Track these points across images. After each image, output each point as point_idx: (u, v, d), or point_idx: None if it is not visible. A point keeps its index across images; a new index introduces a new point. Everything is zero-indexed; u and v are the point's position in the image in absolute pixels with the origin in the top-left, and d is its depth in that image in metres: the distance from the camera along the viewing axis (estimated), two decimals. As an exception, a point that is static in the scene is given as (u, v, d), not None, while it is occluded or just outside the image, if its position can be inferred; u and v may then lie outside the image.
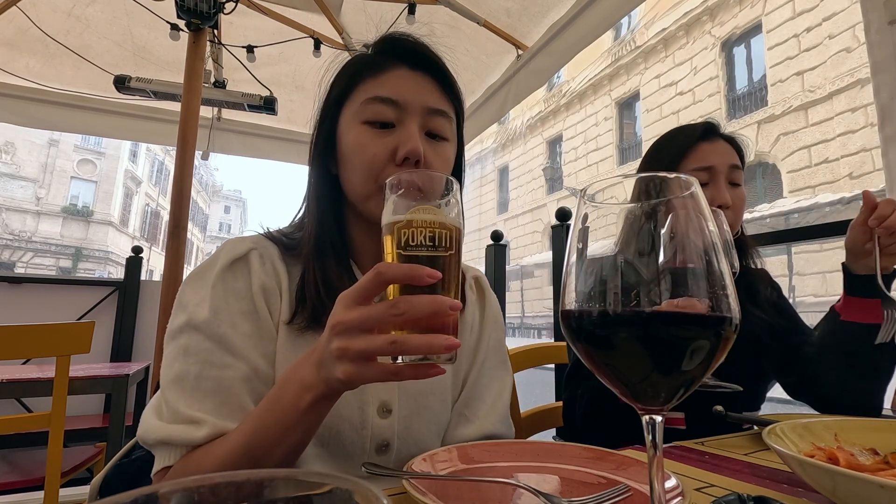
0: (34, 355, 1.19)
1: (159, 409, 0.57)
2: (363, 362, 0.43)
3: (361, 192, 0.64)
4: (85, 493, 1.84)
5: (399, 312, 0.41)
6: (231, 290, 0.62)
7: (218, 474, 0.21)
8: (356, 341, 0.42)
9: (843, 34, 10.49)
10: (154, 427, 0.55)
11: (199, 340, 0.58)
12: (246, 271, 0.63)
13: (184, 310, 0.60)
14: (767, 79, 12.15)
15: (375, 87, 0.65)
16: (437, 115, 0.65)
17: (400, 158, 0.62)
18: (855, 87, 10.28)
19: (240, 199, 53.35)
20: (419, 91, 0.65)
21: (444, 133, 0.66)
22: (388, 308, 0.41)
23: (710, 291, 0.28)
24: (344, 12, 2.39)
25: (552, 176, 20.66)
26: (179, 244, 1.86)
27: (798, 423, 0.55)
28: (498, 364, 0.80)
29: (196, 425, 0.54)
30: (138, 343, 2.89)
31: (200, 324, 0.58)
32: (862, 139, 10.18)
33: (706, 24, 13.80)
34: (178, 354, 0.58)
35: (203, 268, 0.64)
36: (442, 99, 0.67)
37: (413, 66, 0.66)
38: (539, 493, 0.44)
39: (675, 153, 0.98)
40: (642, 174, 0.31)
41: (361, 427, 0.64)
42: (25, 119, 2.62)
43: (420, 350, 0.42)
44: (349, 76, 0.68)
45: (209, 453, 0.53)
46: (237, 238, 0.67)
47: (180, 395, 0.56)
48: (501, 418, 0.76)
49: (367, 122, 0.64)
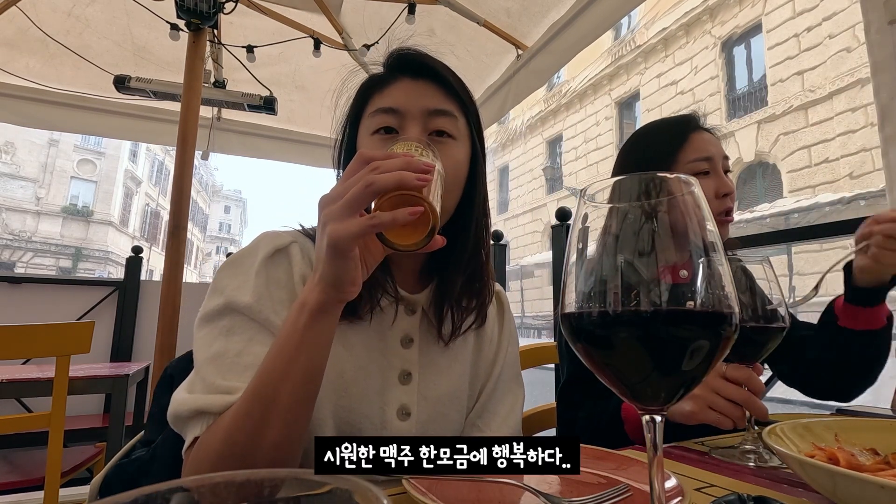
0: (34, 355, 1.20)
1: (192, 385, 0.57)
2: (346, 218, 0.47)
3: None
4: (85, 493, 1.84)
5: (367, 182, 0.46)
6: (273, 279, 0.63)
7: (218, 474, 0.21)
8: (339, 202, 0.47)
9: (843, 34, 10.47)
10: (186, 399, 0.55)
11: (243, 321, 0.59)
12: (287, 262, 0.65)
13: (221, 293, 0.61)
14: (767, 79, 12.14)
15: (381, 100, 0.68)
16: (439, 114, 0.67)
17: None
18: (855, 87, 10.27)
19: (240, 199, 53.30)
20: (419, 96, 0.67)
21: (448, 131, 0.67)
22: (358, 182, 0.47)
23: (710, 291, 0.28)
24: (344, 12, 2.39)
25: (552, 176, 20.65)
26: (179, 244, 1.86)
27: (798, 423, 0.55)
28: (512, 378, 0.82)
29: (230, 394, 0.54)
30: (138, 343, 2.89)
31: (243, 307, 0.59)
32: (862, 139, 10.17)
33: (706, 24, 13.79)
34: (218, 335, 0.59)
35: (241, 255, 0.65)
36: (444, 100, 0.68)
37: (414, 76, 0.68)
38: (539, 492, 0.44)
39: (671, 143, 0.96)
40: (643, 173, 0.30)
41: (381, 428, 0.66)
42: (25, 119, 2.62)
43: (388, 224, 0.46)
44: (362, 95, 0.72)
45: (230, 411, 0.53)
46: (275, 231, 0.69)
47: (217, 369, 0.56)
48: (513, 432, 0.77)
49: (375, 132, 0.67)
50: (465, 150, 0.69)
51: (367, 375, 0.66)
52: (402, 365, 0.69)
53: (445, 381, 0.72)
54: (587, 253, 0.31)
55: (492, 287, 0.76)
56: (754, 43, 12.75)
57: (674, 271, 0.28)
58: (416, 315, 0.72)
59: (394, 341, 0.69)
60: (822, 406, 2.59)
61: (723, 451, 0.65)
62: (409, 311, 0.71)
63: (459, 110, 0.69)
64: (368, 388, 0.66)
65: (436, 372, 0.72)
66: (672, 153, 0.95)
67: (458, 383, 0.74)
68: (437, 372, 0.72)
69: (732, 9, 13.05)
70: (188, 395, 0.56)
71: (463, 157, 0.69)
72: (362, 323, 0.67)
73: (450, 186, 0.66)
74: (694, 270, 0.28)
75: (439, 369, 0.72)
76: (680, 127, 0.98)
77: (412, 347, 0.70)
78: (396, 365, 0.69)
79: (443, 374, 0.72)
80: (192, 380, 0.58)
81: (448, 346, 0.72)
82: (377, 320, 0.68)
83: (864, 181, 10.08)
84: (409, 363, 0.70)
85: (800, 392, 1.04)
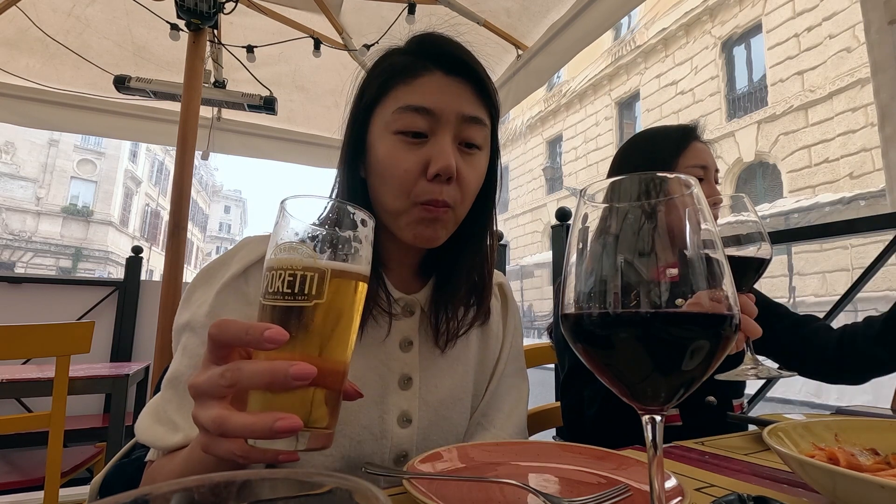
0: (34, 355, 1.20)
1: (155, 404, 0.57)
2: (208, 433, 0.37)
3: (392, 208, 0.62)
4: (85, 493, 1.84)
5: (228, 383, 0.35)
6: (241, 295, 0.61)
7: (218, 474, 0.21)
8: (199, 410, 0.37)
9: (843, 34, 10.48)
10: (141, 424, 0.56)
11: (195, 342, 0.58)
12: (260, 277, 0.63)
13: (188, 307, 0.60)
14: (767, 79, 12.15)
15: (409, 95, 0.61)
16: (472, 122, 0.62)
17: (431, 175, 0.59)
18: (855, 87, 10.27)
19: (240, 199, 53.32)
20: (455, 98, 0.61)
21: (477, 142, 0.63)
22: (218, 378, 0.36)
23: (710, 291, 0.28)
24: (344, 12, 2.39)
25: (552, 176, 20.65)
26: (179, 244, 1.86)
27: (798, 423, 0.55)
28: (516, 372, 0.79)
29: (173, 431, 0.54)
30: (138, 343, 2.89)
31: (198, 326, 0.58)
32: (862, 139, 10.17)
33: (706, 24, 13.79)
34: (177, 353, 0.59)
35: (215, 266, 0.63)
36: (478, 105, 0.63)
37: (448, 71, 0.62)
38: (539, 493, 0.44)
39: (672, 149, 1.00)
40: (643, 173, 0.30)
41: (381, 436, 0.64)
42: (25, 119, 2.62)
43: (240, 433, 0.34)
44: (382, 80, 0.63)
45: (158, 471, 0.53)
46: (258, 237, 0.65)
47: (173, 394, 0.56)
48: (518, 428, 0.75)
49: (400, 132, 0.61)
50: (486, 159, 0.66)
51: (364, 384, 0.63)
52: (401, 369, 0.67)
53: (447, 384, 0.70)
54: (587, 253, 0.31)
55: (490, 284, 0.73)
56: (754, 43, 12.76)
57: (674, 271, 0.28)
58: (415, 316, 0.69)
59: (392, 345, 0.67)
60: (822, 406, 2.58)
61: (726, 373, 0.70)
62: (408, 311, 0.69)
63: (488, 116, 0.65)
64: (367, 397, 0.63)
65: (437, 374, 0.70)
66: (673, 157, 0.99)
67: (460, 384, 0.72)
68: (438, 374, 0.70)
69: (732, 9, 13.05)
70: (146, 420, 0.56)
71: (484, 168, 0.66)
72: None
73: (469, 197, 0.63)
74: (694, 270, 0.29)
75: (440, 371, 0.70)
76: (682, 134, 1.02)
77: (412, 350, 0.68)
78: (396, 369, 0.66)
79: (444, 376, 0.70)
80: (157, 398, 0.58)
81: (449, 347, 0.70)
82: (372, 325, 0.65)
83: (864, 181, 10.09)
84: (409, 367, 0.67)
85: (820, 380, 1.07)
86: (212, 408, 0.36)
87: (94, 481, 0.68)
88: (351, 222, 0.40)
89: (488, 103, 0.65)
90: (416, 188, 0.60)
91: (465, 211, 0.65)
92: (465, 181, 0.61)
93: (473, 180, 0.63)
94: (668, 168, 0.98)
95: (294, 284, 0.36)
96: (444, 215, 0.61)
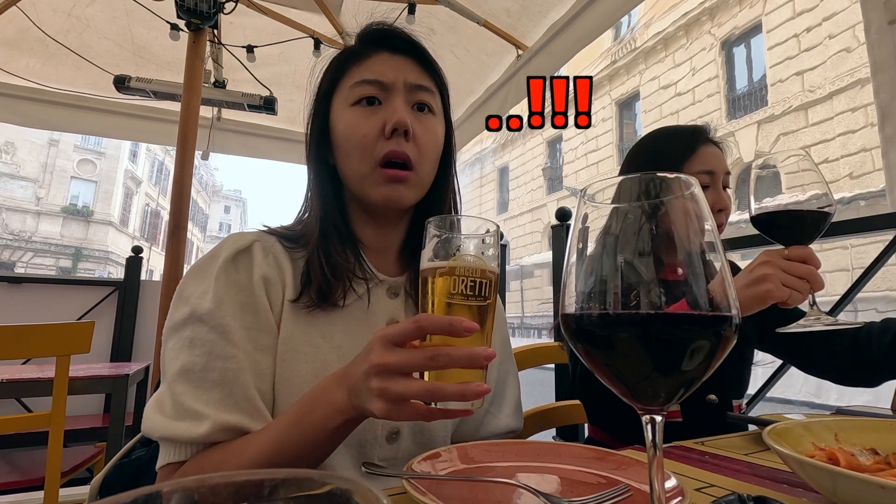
0: (34, 355, 1.20)
1: (161, 403, 0.57)
2: (399, 403, 0.46)
3: (358, 172, 0.67)
4: (85, 493, 1.84)
5: (438, 365, 0.45)
6: (233, 282, 0.62)
7: (218, 474, 0.21)
8: (395, 384, 0.45)
9: (843, 34, 10.47)
10: (157, 424, 0.56)
11: (203, 332, 0.59)
12: (249, 262, 0.64)
13: (185, 302, 0.61)
14: (767, 79, 12.14)
15: (361, 72, 0.69)
16: (421, 90, 0.69)
17: (388, 131, 0.65)
18: (855, 87, 10.26)
19: (240, 199, 53.29)
20: (401, 70, 0.68)
21: (430, 105, 0.70)
22: (427, 360, 0.45)
23: (710, 291, 0.28)
24: (344, 12, 2.39)
25: (552, 176, 20.64)
26: (179, 244, 1.86)
27: (798, 423, 0.55)
28: (507, 358, 0.84)
29: (198, 421, 0.55)
30: (138, 343, 2.89)
31: (204, 315, 0.59)
32: (862, 139, 10.16)
33: (706, 24, 13.78)
34: (182, 347, 0.58)
35: (205, 261, 0.65)
36: (423, 76, 0.70)
37: (393, 50, 0.70)
38: (539, 493, 0.44)
39: (679, 153, 0.98)
40: (643, 174, 0.30)
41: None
42: (25, 119, 2.62)
43: (454, 397, 0.45)
44: (336, 68, 0.72)
45: (227, 460, 0.54)
46: (239, 232, 0.68)
47: (188, 387, 0.56)
48: (518, 410, 0.81)
49: (356, 103, 0.67)
50: (440, 125, 0.72)
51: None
52: None
53: None
54: (587, 253, 0.31)
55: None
56: (754, 43, 12.75)
57: (674, 271, 0.28)
58: (400, 298, 0.72)
59: (379, 324, 0.69)
60: (822, 406, 2.59)
61: (793, 324, 0.75)
62: (392, 294, 0.72)
63: (436, 86, 0.72)
64: None
65: None
66: (680, 161, 0.97)
67: None
68: None
69: (732, 9, 13.04)
70: (159, 418, 0.56)
71: (441, 132, 0.72)
72: (339, 311, 0.66)
73: (429, 159, 0.69)
74: (694, 271, 0.28)
75: None
76: (691, 137, 1.00)
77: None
78: None
79: None
80: (162, 396, 0.57)
81: None
82: (358, 307, 0.68)
83: (864, 181, 10.08)
84: None
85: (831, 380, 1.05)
86: (412, 382, 0.45)
87: (94, 481, 0.68)
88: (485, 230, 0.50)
89: (434, 75, 0.72)
90: (376, 148, 0.65)
91: (428, 174, 0.70)
92: (420, 139, 0.67)
93: (430, 139, 0.69)
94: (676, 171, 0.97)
95: (475, 288, 0.48)
96: (407, 177, 0.66)
